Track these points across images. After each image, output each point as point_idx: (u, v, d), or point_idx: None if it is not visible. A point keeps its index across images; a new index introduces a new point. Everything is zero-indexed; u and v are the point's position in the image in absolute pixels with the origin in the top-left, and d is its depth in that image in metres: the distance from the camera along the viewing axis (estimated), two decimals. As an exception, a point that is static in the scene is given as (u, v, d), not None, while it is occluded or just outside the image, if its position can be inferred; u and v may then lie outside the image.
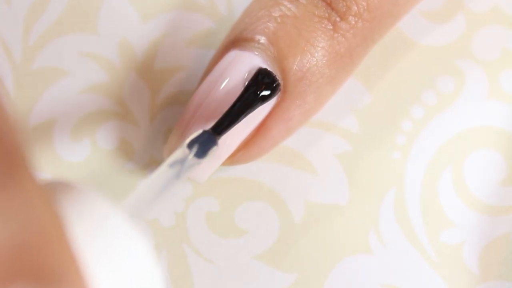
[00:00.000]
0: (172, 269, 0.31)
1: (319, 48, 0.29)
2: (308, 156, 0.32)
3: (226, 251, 0.31)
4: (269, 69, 0.29)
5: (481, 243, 0.31)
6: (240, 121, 0.29)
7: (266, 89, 0.29)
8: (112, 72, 0.33)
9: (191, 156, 0.28)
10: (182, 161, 0.27)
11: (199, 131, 0.28)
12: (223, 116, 0.29)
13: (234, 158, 0.30)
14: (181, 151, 0.28)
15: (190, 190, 0.32)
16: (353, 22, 0.29)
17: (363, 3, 0.29)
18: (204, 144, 0.28)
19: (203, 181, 0.30)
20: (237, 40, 0.30)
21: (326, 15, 0.29)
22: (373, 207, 0.32)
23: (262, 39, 0.29)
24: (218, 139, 0.28)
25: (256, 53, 0.29)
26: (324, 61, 0.29)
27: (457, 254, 0.31)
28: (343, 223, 0.32)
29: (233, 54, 0.29)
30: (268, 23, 0.29)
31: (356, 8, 0.29)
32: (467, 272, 0.31)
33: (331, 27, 0.29)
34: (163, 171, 0.27)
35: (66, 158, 0.32)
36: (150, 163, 0.32)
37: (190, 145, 0.28)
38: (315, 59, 0.29)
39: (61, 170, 0.32)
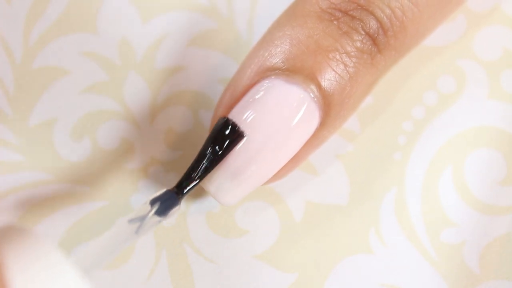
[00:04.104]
0: (173, 269, 0.31)
1: (358, 83, 0.29)
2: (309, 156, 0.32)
3: (227, 251, 0.31)
4: (309, 101, 0.28)
5: (482, 242, 0.31)
6: (204, 177, 0.28)
7: (228, 142, 0.28)
8: (112, 72, 0.33)
9: (151, 213, 0.28)
10: (142, 218, 0.27)
11: (163, 190, 0.28)
12: (186, 174, 0.28)
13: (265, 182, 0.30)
14: (143, 207, 0.28)
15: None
16: (388, 56, 0.29)
17: (401, 38, 0.29)
18: (166, 203, 0.28)
19: (232, 204, 0.30)
20: (280, 68, 0.29)
21: (369, 50, 0.29)
22: (373, 207, 0.32)
23: (312, 73, 0.28)
24: (181, 198, 0.28)
25: (305, 87, 0.28)
26: (359, 93, 0.29)
27: (458, 254, 0.31)
28: (343, 223, 0.32)
29: (279, 84, 0.28)
30: (317, 57, 0.29)
31: (393, 42, 0.29)
32: (467, 271, 0.31)
33: (370, 61, 0.29)
34: (122, 225, 0.27)
35: (66, 157, 0.32)
36: (150, 162, 0.32)
37: (152, 202, 0.28)
38: (354, 93, 0.29)
39: (61, 169, 0.32)
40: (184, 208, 0.32)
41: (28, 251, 0.22)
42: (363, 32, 0.29)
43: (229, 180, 0.28)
